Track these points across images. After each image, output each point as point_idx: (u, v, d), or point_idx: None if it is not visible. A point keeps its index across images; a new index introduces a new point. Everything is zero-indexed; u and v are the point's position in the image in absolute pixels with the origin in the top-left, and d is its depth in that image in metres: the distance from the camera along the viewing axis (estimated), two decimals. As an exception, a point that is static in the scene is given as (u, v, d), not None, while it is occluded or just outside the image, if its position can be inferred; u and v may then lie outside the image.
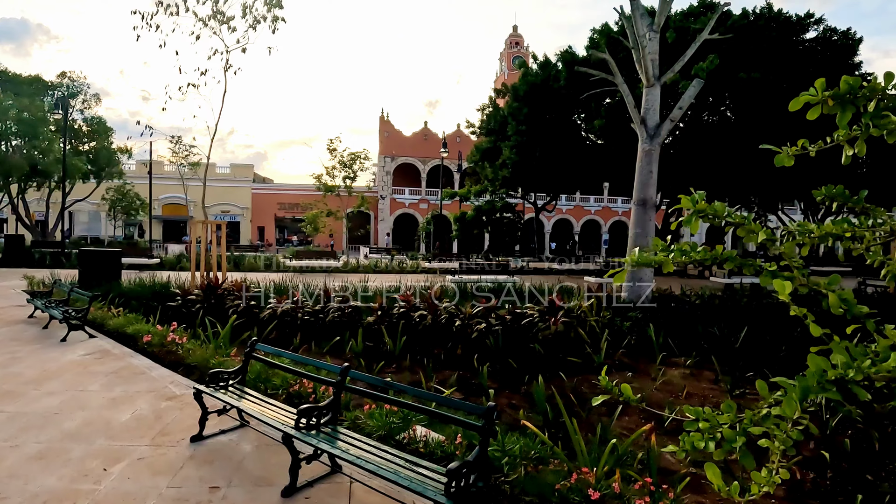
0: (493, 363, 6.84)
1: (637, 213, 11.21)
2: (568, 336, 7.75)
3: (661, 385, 6.46)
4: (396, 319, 7.89)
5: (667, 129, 11.03)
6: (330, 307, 8.42)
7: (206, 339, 6.90)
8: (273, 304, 8.54)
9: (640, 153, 11.11)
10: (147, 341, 6.40)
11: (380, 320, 7.94)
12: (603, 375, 1.78)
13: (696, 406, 1.44)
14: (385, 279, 15.66)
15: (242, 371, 4.38)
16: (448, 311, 7.96)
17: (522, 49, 64.73)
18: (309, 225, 29.13)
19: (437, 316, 7.82)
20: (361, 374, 3.91)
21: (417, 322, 7.78)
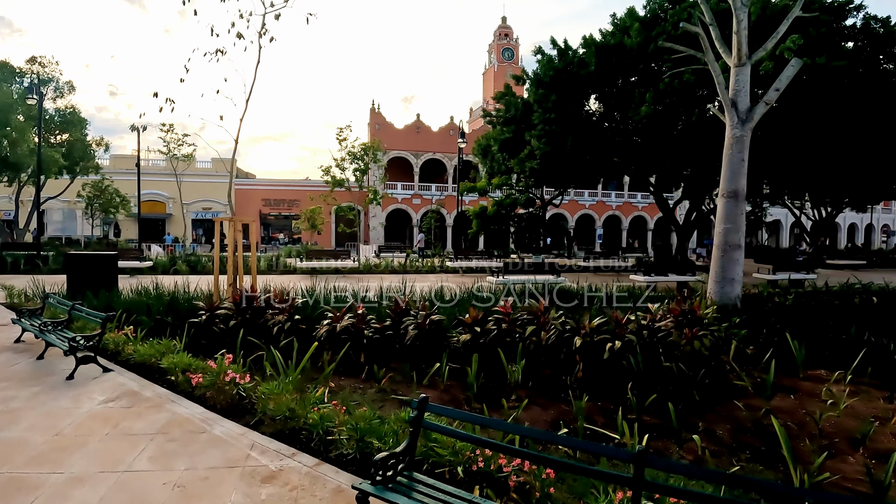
0: (634, 389, 5.38)
1: (728, 206, 9.85)
2: (700, 350, 6.34)
3: (843, 409, 5.11)
4: (496, 336, 6.33)
5: (760, 112, 9.72)
6: (406, 322, 6.79)
7: (274, 370, 5.21)
8: (329, 318, 6.87)
9: (728, 139, 9.79)
10: (198, 382, 4.66)
11: (479, 338, 6.36)
12: None
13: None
14: (416, 281, 14.01)
15: (410, 450, 2.77)
16: (562, 324, 6.43)
17: (512, 41, 63.45)
18: (307, 221, 27.15)
19: (548, 330, 6.29)
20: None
21: (525, 338, 6.22)
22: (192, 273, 16.56)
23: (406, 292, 9.73)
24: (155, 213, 42.07)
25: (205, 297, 8.71)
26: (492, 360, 6.17)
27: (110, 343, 6.26)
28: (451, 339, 6.58)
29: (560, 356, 6.27)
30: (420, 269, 18.41)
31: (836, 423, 4.92)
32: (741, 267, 10.05)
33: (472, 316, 6.62)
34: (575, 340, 6.07)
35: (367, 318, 6.89)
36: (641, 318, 6.62)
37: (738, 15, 9.40)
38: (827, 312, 9.09)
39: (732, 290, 9.85)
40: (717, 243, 10.03)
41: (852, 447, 4.42)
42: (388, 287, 10.02)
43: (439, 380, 5.92)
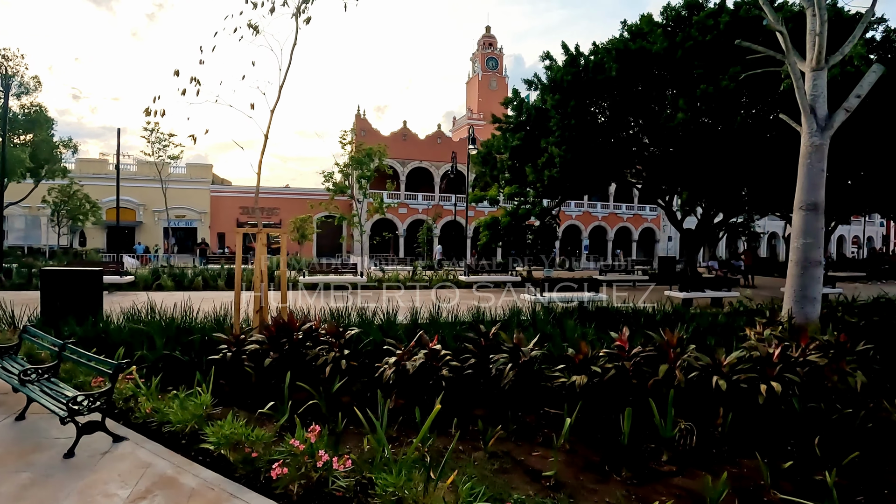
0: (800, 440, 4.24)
1: (806, 219, 8.90)
2: (854, 386, 5.26)
3: None
4: (615, 378, 5.06)
5: (839, 120, 8.85)
6: (496, 360, 5.45)
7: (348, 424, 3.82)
8: (395, 354, 5.48)
9: (806, 148, 8.88)
10: (280, 474, 3.19)
11: (592, 378, 5.08)
12: None
13: None
14: (442, 298, 12.68)
15: None
16: (694, 359, 5.20)
17: (496, 51, 63.03)
18: (296, 231, 25.43)
19: (681, 368, 5.05)
20: None
21: (658, 380, 4.96)
22: (179, 289, 14.78)
23: (442, 312, 8.48)
24: (124, 220, 39.42)
25: (217, 323, 7.22)
26: (604, 407, 4.94)
27: (115, 394, 4.73)
28: (553, 379, 5.29)
29: (695, 400, 5.05)
30: (431, 282, 17.03)
31: None
32: (821, 285, 9.16)
33: (584, 351, 5.33)
34: (717, 383, 4.86)
35: (441, 355, 5.52)
36: (774, 348, 5.45)
37: (822, 16, 8.50)
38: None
39: (814, 310, 8.91)
40: (795, 259, 9.06)
41: None
42: (416, 306, 8.71)
43: (555, 436, 4.61)
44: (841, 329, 8.55)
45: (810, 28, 8.86)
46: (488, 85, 61.11)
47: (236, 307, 6.62)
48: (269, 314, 7.04)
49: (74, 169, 33.20)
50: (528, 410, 5.35)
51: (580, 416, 4.69)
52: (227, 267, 17.08)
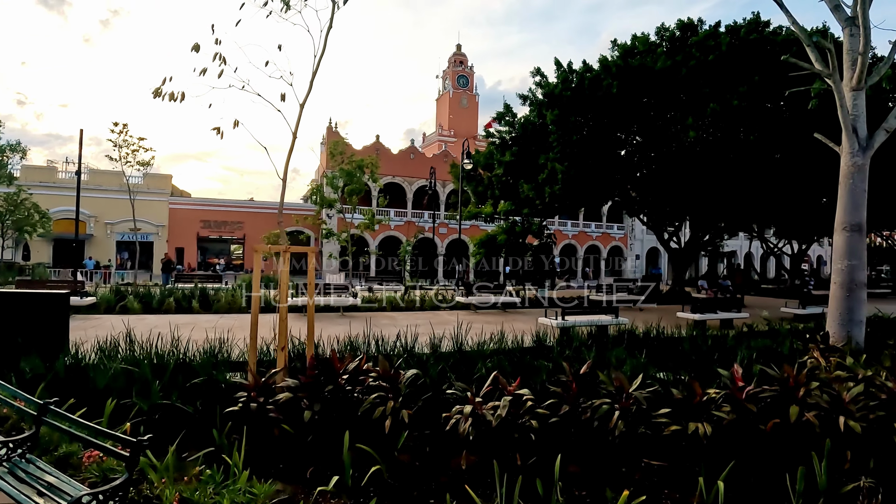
0: None
1: (850, 240, 8.51)
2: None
3: None
4: (736, 425, 4.19)
5: (880, 140, 8.56)
6: (597, 406, 4.47)
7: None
8: (460, 401, 4.44)
9: (848, 168, 8.53)
10: None
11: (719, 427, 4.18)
12: None
13: None
14: (445, 323, 11.62)
15: None
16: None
17: (467, 69, 63.21)
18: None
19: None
20: None
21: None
22: (148, 311, 13.10)
23: (465, 337, 7.61)
24: (73, 232, 36.42)
25: (212, 357, 5.98)
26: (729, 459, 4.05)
27: (111, 473, 3.48)
28: (659, 427, 4.36)
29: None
30: (425, 303, 15.93)
31: None
32: (866, 307, 8.76)
33: (699, 392, 4.45)
34: (847, 424, 4.07)
35: (524, 401, 4.51)
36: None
37: (866, 36, 8.17)
38: None
39: (861, 332, 8.50)
40: (840, 281, 8.62)
41: None
42: (435, 332, 7.79)
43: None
44: (890, 348, 8.15)
45: (849, 48, 8.56)
46: (459, 102, 61.02)
47: (252, 344, 5.39)
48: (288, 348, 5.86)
49: (20, 177, 30.33)
50: (628, 464, 4.42)
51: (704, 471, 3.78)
52: (203, 286, 15.46)
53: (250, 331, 5.40)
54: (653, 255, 61.81)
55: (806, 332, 10.46)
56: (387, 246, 43.22)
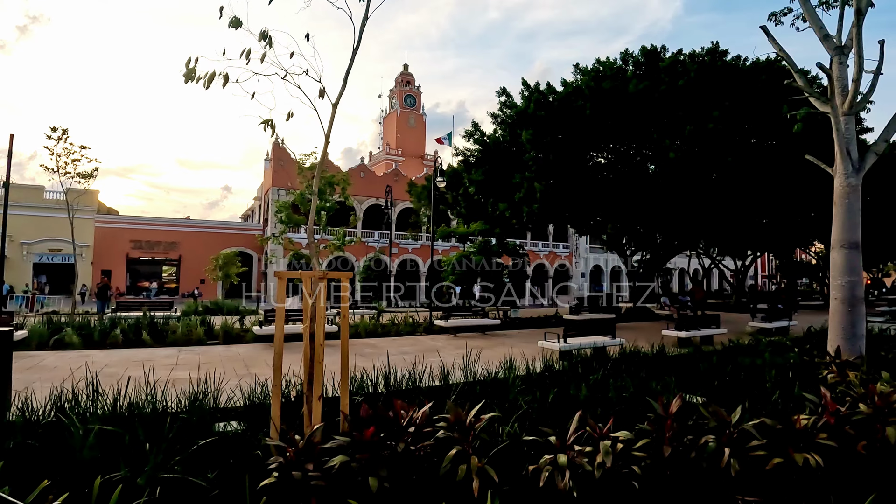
0: None
1: (848, 257, 8.76)
2: None
3: None
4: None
5: (870, 162, 8.94)
6: (702, 443, 3.93)
7: None
8: (554, 447, 3.78)
9: (842, 189, 8.84)
10: None
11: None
12: None
13: None
14: (434, 349, 10.87)
15: None
16: None
17: (414, 88, 63.26)
18: (217, 270, 21.97)
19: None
20: None
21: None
22: (90, 346, 11.35)
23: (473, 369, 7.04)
24: (-24, 256, 32.31)
25: (195, 404, 5.00)
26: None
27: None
28: (758, 461, 3.90)
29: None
30: (400, 328, 15.06)
31: None
32: (865, 321, 9.00)
33: (799, 420, 4.03)
34: None
35: (631, 451, 3.91)
36: None
37: (860, 64, 8.51)
38: None
39: (861, 346, 8.73)
40: (841, 297, 8.83)
41: None
42: (423, 360, 7.18)
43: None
44: (891, 361, 8.35)
45: (838, 75, 8.90)
46: (407, 121, 60.83)
47: (276, 391, 4.45)
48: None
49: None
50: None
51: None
52: (152, 315, 13.77)
53: (273, 375, 4.47)
54: (596, 273, 63.86)
55: (794, 347, 10.68)
56: (335, 266, 41.71)
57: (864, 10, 8.23)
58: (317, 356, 4.42)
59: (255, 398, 5.62)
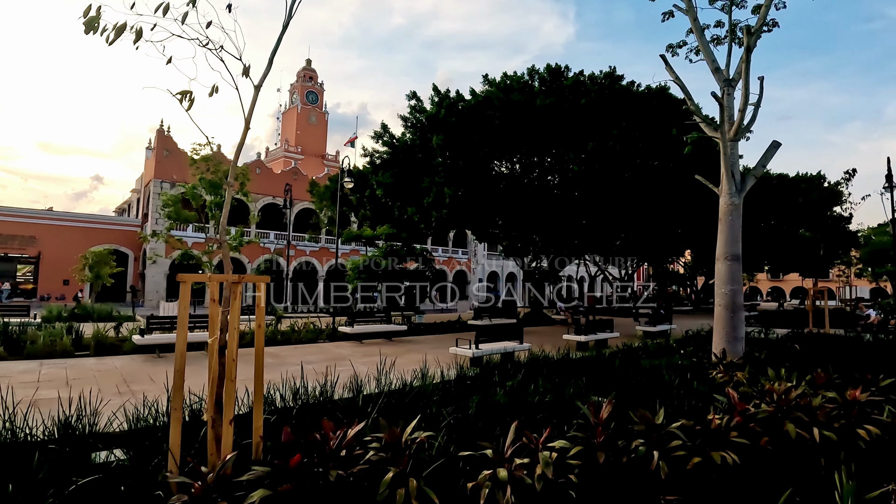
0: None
1: (731, 268, 9.78)
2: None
3: None
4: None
5: (750, 184, 10.04)
6: (635, 448, 3.97)
7: None
8: (491, 462, 3.62)
9: (727, 207, 9.84)
10: None
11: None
12: None
13: None
14: (340, 357, 10.30)
15: None
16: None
17: (316, 85, 61.03)
18: (86, 270, 19.23)
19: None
20: None
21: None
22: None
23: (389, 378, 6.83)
24: None
25: (65, 432, 4.25)
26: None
27: None
28: (677, 462, 4.05)
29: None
30: (301, 334, 14.18)
31: None
32: (744, 325, 10.07)
33: (714, 420, 4.23)
34: (822, 434, 4.27)
35: (566, 460, 3.83)
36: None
37: (746, 97, 9.50)
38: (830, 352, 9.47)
39: (742, 347, 9.75)
40: (724, 304, 9.81)
41: None
42: (333, 370, 6.91)
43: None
44: (764, 361, 9.32)
45: (726, 104, 9.89)
46: (307, 119, 58.53)
47: (176, 415, 3.79)
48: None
49: None
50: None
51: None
52: (5, 321, 11.60)
53: (172, 396, 3.81)
54: (492, 278, 66.02)
55: (680, 349, 11.68)
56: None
57: (752, 47, 9.21)
58: (229, 373, 3.86)
59: (141, 421, 4.84)
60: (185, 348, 3.86)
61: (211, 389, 3.86)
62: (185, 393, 5.32)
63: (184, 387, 3.80)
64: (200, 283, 4.04)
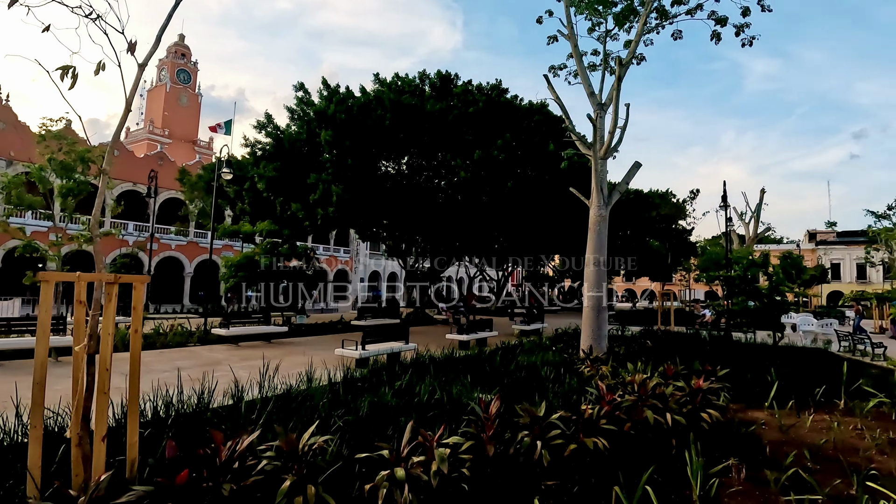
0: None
1: (597, 273, 10.90)
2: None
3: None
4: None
5: (615, 198, 11.23)
6: (521, 440, 4.27)
7: None
8: (388, 461, 3.71)
9: (595, 218, 10.92)
10: None
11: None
12: None
13: None
14: (216, 361, 9.50)
15: None
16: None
17: (189, 64, 55.74)
18: None
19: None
20: None
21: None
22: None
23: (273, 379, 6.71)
24: None
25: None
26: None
27: None
28: (555, 450, 4.48)
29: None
30: (168, 337, 12.94)
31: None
32: (607, 324, 11.22)
33: (587, 410, 4.73)
34: (707, 418, 5.06)
35: (458, 454, 4.01)
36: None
37: (615, 121, 10.63)
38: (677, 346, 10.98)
39: (606, 344, 10.82)
40: (591, 305, 10.84)
41: None
42: (210, 376, 6.70)
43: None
44: (624, 356, 10.51)
45: (598, 126, 11.02)
46: (178, 99, 53.26)
47: (35, 433, 3.31)
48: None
49: None
50: (531, 490, 4.44)
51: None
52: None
53: (32, 412, 3.33)
54: (373, 278, 65.70)
55: (552, 346, 12.69)
56: (79, 264, 33.77)
57: (622, 77, 10.34)
58: (101, 384, 3.48)
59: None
60: (46, 357, 3.41)
61: (77, 403, 3.44)
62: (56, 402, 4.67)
63: (44, 401, 3.34)
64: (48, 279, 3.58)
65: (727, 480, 4.60)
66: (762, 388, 7.97)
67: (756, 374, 8.69)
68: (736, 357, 10.51)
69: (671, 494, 4.29)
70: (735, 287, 14.72)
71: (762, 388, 8.01)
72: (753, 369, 9.13)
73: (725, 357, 10.33)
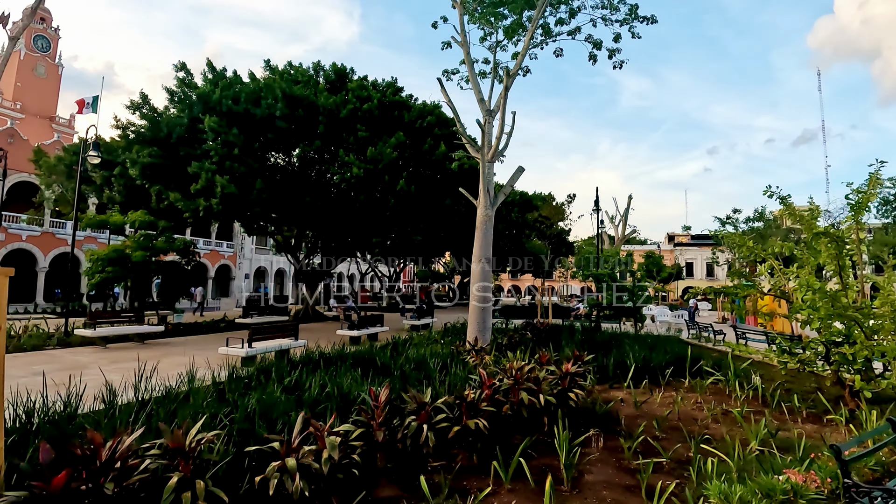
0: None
1: (483, 269, 11.58)
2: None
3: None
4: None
5: (500, 200, 11.96)
6: (407, 423, 4.55)
7: None
8: (278, 453, 3.84)
9: (482, 218, 11.55)
10: None
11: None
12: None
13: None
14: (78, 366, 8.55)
15: None
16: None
17: (50, 30, 48.44)
18: None
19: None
20: None
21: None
22: None
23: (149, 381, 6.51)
24: None
25: None
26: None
27: None
28: (443, 431, 4.89)
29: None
30: (22, 343, 11.40)
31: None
32: (491, 317, 11.96)
33: (468, 396, 5.18)
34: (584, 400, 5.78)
35: (349, 441, 4.22)
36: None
37: (503, 128, 11.38)
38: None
39: (490, 335, 11.56)
40: (477, 300, 11.48)
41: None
42: (73, 381, 6.44)
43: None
44: (506, 346, 11.31)
45: (486, 131, 11.71)
46: (34, 69, 46.17)
47: None
48: None
49: None
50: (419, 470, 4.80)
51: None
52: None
53: None
54: (260, 274, 62.57)
55: (441, 339, 13.24)
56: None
57: (509, 87, 11.08)
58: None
59: None
60: None
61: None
62: None
63: None
64: None
65: (588, 450, 5.33)
66: (623, 371, 9.15)
67: (618, 359, 9.89)
68: (603, 345, 11.82)
69: (542, 464, 4.88)
70: (604, 283, 16.43)
71: (623, 370, 9.19)
72: (617, 355, 10.39)
73: (594, 345, 11.57)
